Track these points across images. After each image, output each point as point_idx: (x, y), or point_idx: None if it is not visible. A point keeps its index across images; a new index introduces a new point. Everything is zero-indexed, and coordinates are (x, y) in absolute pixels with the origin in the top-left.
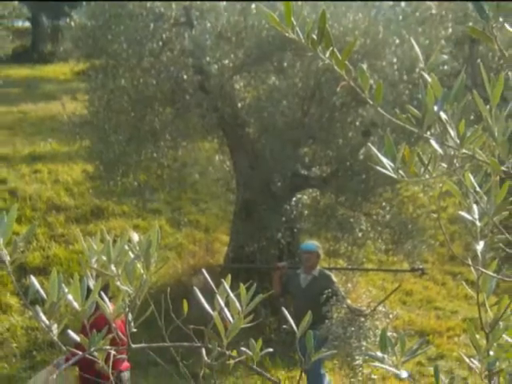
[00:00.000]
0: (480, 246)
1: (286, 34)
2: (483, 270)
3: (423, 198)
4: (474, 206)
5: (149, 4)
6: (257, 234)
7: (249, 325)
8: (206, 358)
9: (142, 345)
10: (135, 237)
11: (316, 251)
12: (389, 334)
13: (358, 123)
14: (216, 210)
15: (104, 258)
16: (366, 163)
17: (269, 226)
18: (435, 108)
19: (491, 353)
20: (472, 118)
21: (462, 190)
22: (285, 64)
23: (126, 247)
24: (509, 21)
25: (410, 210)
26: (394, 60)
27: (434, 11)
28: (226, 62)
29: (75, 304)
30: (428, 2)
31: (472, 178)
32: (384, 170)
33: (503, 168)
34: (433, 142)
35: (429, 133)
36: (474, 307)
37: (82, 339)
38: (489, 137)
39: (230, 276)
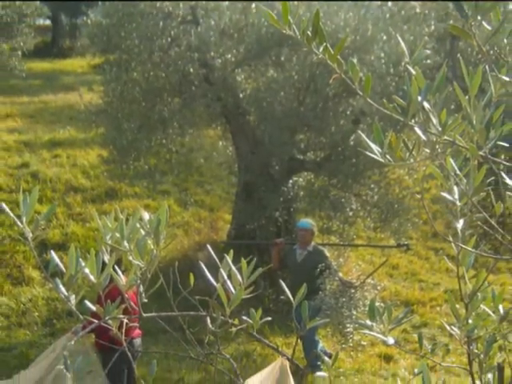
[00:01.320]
0: (460, 223)
1: (284, 31)
2: (463, 246)
3: (408, 180)
4: (455, 188)
5: (158, 4)
6: (257, 213)
7: (249, 296)
8: (210, 326)
9: (153, 314)
10: (146, 216)
11: (311, 229)
12: (377, 304)
13: (348, 112)
14: (219, 192)
15: (117, 234)
16: (356, 148)
17: (268, 206)
18: (419, 98)
19: (470, 321)
20: (452, 107)
21: (444, 173)
22: (282, 58)
23: (138, 225)
24: (486, 19)
25: (396, 191)
26: (382, 55)
27: (418, 10)
28: (229, 56)
29: (91, 277)
30: (412, 2)
31: (452, 162)
32: (372, 155)
33: (481, 153)
34: (417, 130)
35: (413, 121)
36: (454, 280)
37: (98, 309)
38: (468, 124)
39: (232, 251)
